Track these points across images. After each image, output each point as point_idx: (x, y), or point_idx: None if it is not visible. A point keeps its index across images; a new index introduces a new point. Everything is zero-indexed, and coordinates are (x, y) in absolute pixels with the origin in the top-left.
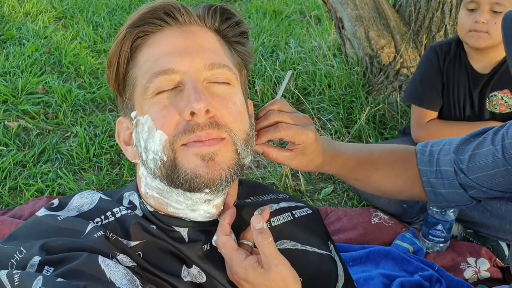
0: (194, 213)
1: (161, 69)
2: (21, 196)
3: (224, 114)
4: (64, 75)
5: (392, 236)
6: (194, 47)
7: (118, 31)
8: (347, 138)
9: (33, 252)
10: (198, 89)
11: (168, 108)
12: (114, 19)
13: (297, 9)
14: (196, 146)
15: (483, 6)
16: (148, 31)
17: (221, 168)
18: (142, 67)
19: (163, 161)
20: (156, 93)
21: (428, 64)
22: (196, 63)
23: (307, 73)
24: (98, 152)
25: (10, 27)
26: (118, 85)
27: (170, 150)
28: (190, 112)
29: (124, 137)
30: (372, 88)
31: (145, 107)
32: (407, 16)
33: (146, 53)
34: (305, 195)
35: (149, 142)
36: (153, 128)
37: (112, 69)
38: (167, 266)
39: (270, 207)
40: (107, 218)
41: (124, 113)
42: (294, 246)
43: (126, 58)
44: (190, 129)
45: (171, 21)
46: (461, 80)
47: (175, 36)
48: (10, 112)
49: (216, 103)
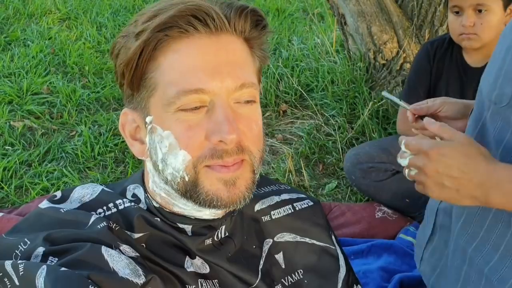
0: (199, 212)
1: (191, 87)
2: (27, 194)
3: (248, 137)
4: (69, 75)
5: (396, 230)
6: (225, 64)
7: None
8: (351, 133)
9: (37, 243)
10: (229, 118)
11: (194, 130)
12: (118, 19)
13: (300, 7)
14: (221, 171)
15: (467, 9)
16: (174, 36)
17: (240, 191)
18: (165, 74)
19: (183, 179)
20: (180, 110)
21: (417, 63)
22: (227, 84)
23: (310, 70)
24: (102, 150)
25: (14, 29)
26: (133, 83)
27: (193, 171)
28: (219, 140)
29: (130, 130)
30: (375, 83)
31: (166, 121)
32: (409, 10)
33: (171, 58)
34: (309, 191)
35: (170, 158)
36: (176, 146)
37: (130, 68)
38: (171, 257)
39: (271, 199)
40: (110, 209)
41: (133, 107)
42: (294, 238)
43: (147, 60)
44: (218, 155)
45: (201, 27)
46: (453, 74)
47: (205, 47)
48: (15, 113)
49: (242, 126)
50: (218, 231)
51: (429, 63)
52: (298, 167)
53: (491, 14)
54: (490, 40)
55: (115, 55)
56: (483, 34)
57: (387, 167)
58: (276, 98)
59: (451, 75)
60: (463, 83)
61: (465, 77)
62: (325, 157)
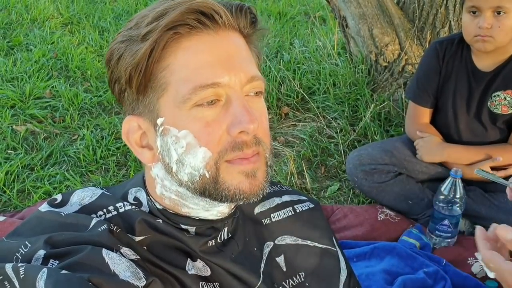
0: (206, 212)
1: (207, 82)
2: (29, 198)
3: (261, 129)
4: (71, 79)
5: (399, 232)
6: (236, 58)
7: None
8: (353, 136)
9: (38, 246)
10: (247, 108)
11: (212, 125)
12: (120, 23)
13: (301, 10)
14: (242, 163)
15: (485, 10)
16: (184, 33)
17: (260, 182)
18: (177, 72)
19: (202, 177)
20: (197, 106)
21: (426, 62)
22: (240, 77)
23: (312, 72)
24: (104, 154)
25: (17, 34)
26: (141, 86)
27: (214, 167)
28: (240, 131)
29: (135, 139)
30: (377, 85)
31: (181, 120)
32: (411, 13)
33: (181, 56)
34: (311, 193)
35: (187, 157)
36: (195, 144)
37: (139, 71)
38: (172, 259)
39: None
40: (110, 212)
41: (138, 113)
42: (295, 241)
43: (157, 60)
44: (239, 147)
45: (210, 24)
46: (461, 77)
47: (215, 43)
48: (18, 117)
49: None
50: (221, 232)
51: (439, 62)
52: (300, 169)
53: (509, 18)
54: (503, 44)
55: (115, 62)
56: (499, 37)
57: (390, 168)
58: (278, 101)
59: (460, 77)
60: (471, 86)
61: (474, 80)
62: (327, 159)
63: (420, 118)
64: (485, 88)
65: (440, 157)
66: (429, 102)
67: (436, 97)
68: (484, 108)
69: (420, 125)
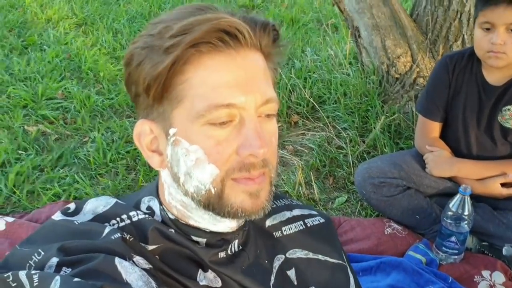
0: (214, 226)
1: (223, 102)
2: (39, 200)
3: (270, 152)
4: (83, 81)
5: (405, 246)
6: (253, 79)
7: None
8: (362, 147)
9: (51, 253)
10: (259, 132)
11: (223, 144)
12: (134, 26)
13: (314, 17)
14: (247, 184)
15: (499, 27)
16: (205, 51)
17: (262, 202)
18: (195, 88)
19: (208, 192)
20: (209, 123)
21: (436, 76)
22: (256, 99)
23: (323, 81)
24: (114, 157)
25: (32, 33)
26: (158, 95)
27: (220, 184)
28: (249, 154)
29: (147, 142)
30: (388, 97)
31: (193, 135)
32: (424, 25)
33: (201, 73)
34: (319, 204)
35: (196, 171)
36: (204, 160)
37: (158, 83)
38: (184, 269)
39: (283, 215)
40: (123, 221)
41: (152, 118)
42: (306, 255)
43: (176, 73)
44: (246, 168)
45: (232, 43)
46: (472, 91)
47: (234, 63)
48: (29, 117)
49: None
50: (232, 244)
51: (448, 76)
52: (308, 179)
53: None
54: None
55: (135, 66)
56: (511, 54)
57: (399, 182)
58: (288, 109)
59: (470, 91)
60: (481, 100)
61: (484, 94)
62: (335, 170)
63: (429, 132)
64: (496, 102)
65: (450, 172)
66: (438, 116)
67: (446, 111)
68: (495, 122)
69: (430, 139)
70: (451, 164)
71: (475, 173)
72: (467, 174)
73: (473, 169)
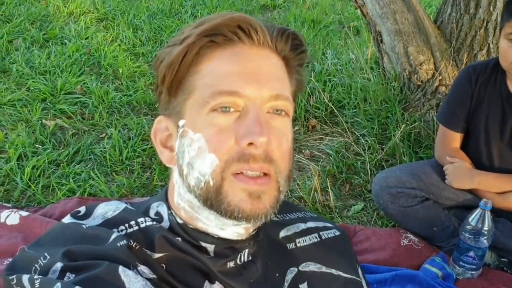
0: (223, 231)
1: (227, 89)
2: (53, 195)
3: (277, 150)
4: (102, 76)
5: (421, 259)
6: (264, 73)
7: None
8: (381, 155)
9: (56, 258)
10: (261, 121)
11: (224, 133)
12: (154, 22)
13: (336, 19)
14: (247, 182)
15: None
16: (218, 42)
17: (264, 206)
18: (205, 78)
19: (207, 184)
20: (213, 111)
21: (458, 86)
22: (263, 92)
23: (343, 86)
24: (130, 155)
25: (53, 27)
26: (172, 86)
27: (219, 176)
28: (249, 143)
29: (161, 138)
30: (408, 104)
31: (198, 124)
32: (448, 33)
33: (212, 65)
34: (334, 211)
35: (197, 161)
36: (205, 149)
37: (171, 70)
38: (189, 280)
39: (297, 227)
40: (131, 227)
41: (168, 114)
42: (319, 268)
43: (189, 64)
44: (245, 159)
45: (245, 38)
46: (495, 102)
47: (246, 56)
48: (48, 111)
49: (273, 137)
50: (241, 254)
51: (471, 86)
52: (324, 185)
53: None
54: None
55: (158, 65)
56: None
57: (417, 193)
58: (306, 113)
59: (492, 102)
60: (505, 112)
61: (508, 106)
62: (352, 177)
63: (450, 142)
64: None
65: (470, 184)
66: (460, 127)
67: (467, 121)
68: None
69: (450, 149)
70: (472, 176)
71: (496, 187)
72: (488, 187)
73: (494, 182)
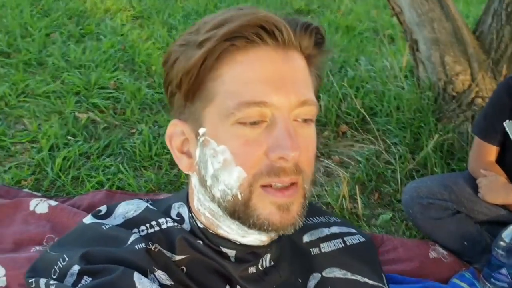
0: (244, 238)
1: (253, 99)
2: (82, 186)
3: (305, 158)
4: (136, 73)
5: (450, 273)
6: (290, 78)
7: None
8: (412, 164)
9: (74, 260)
10: (291, 133)
11: (251, 145)
12: (189, 22)
13: (370, 26)
14: (276, 195)
15: None
16: (240, 46)
17: (292, 216)
18: (227, 84)
19: (235, 197)
20: (239, 123)
21: (496, 98)
22: (290, 99)
23: (376, 93)
24: (159, 151)
25: (90, 22)
26: (189, 93)
27: (248, 190)
28: (279, 157)
29: (177, 143)
30: (442, 115)
31: (222, 135)
32: (487, 43)
33: (234, 69)
34: (362, 220)
35: (223, 174)
36: (231, 162)
37: (189, 77)
38: (210, 284)
39: (321, 231)
40: (152, 227)
41: (184, 119)
42: (344, 275)
43: (209, 69)
44: (276, 172)
45: (269, 39)
46: None
47: (270, 60)
48: (81, 104)
49: (302, 147)
50: (263, 259)
51: (510, 99)
52: (352, 193)
53: None
54: None
55: (171, 64)
56: None
57: (448, 205)
58: (337, 118)
59: None
60: None
61: None
62: (382, 186)
63: (485, 155)
64: None
65: (504, 199)
66: (496, 140)
67: (504, 133)
68: None
69: (485, 163)
70: (507, 191)
71: None
72: None
73: None
